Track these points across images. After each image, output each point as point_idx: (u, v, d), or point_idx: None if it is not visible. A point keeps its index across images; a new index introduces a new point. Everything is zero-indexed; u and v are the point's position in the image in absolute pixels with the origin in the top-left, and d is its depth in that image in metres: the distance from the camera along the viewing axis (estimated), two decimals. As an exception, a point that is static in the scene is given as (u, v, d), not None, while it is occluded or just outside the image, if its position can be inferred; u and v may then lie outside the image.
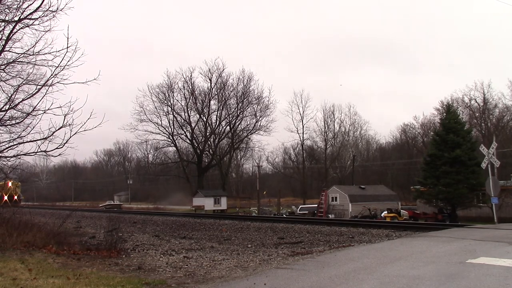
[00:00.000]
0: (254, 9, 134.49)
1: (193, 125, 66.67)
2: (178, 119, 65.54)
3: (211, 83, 65.36)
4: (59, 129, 11.91)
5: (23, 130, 12.67)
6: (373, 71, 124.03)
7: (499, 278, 6.05)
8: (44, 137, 12.04)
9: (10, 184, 51.26)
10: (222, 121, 67.36)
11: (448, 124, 35.56)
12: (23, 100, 12.60)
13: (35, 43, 11.97)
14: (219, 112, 67.03)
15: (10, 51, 12.42)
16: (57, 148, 12.14)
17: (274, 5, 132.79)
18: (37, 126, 12.47)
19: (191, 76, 64.90)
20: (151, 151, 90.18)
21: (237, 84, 65.51)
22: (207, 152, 69.18)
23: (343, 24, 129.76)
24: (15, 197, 52.00)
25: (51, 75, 11.97)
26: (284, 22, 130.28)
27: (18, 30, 12.01)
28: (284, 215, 41.14)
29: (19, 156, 13.10)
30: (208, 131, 67.53)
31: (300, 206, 54.83)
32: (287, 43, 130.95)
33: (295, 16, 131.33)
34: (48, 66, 12.11)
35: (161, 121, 64.49)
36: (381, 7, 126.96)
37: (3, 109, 12.47)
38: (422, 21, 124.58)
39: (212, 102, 66.56)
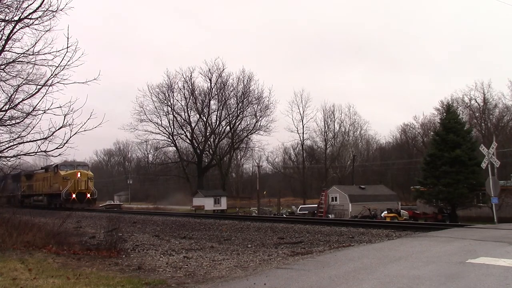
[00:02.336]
0: (254, 8, 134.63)
1: (193, 125, 66.76)
2: (178, 119, 65.64)
3: (211, 83, 65.45)
4: (59, 129, 11.94)
5: (23, 130, 12.74)
6: (372, 71, 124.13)
7: (499, 278, 6.05)
8: (44, 137, 12.08)
9: (79, 175, 36.14)
10: (222, 121, 67.44)
11: (448, 124, 35.59)
12: (23, 100, 12.64)
13: (35, 43, 12.01)
14: (219, 112, 67.11)
15: (10, 51, 12.47)
16: (57, 148, 12.19)
17: (274, 4, 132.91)
18: (37, 126, 12.54)
19: (191, 76, 64.99)
20: (151, 151, 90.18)
21: (237, 84, 65.61)
22: (207, 152, 69.19)
23: (343, 24, 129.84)
24: (88, 195, 36.33)
25: (51, 75, 12.00)
26: (285, 22, 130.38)
27: (18, 30, 12.05)
28: (284, 215, 41.17)
29: (19, 156, 13.16)
30: (208, 131, 67.56)
31: (300, 206, 54.87)
32: (287, 42, 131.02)
33: (295, 16, 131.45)
34: (48, 66, 12.15)
35: (161, 121, 64.60)
36: (381, 7, 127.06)
37: (3, 109, 12.49)
38: (422, 20, 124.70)
39: (212, 102, 66.66)
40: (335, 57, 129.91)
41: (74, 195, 35.02)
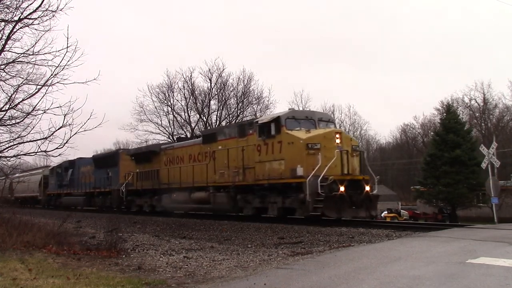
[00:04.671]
0: (254, 8, 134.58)
1: (193, 125, 66.68)
2: (178, 119, 65.54)
3: (211, 83, 65.33)
4: (59, 129, 11.95)
5: (23, 130, 12.76)
6: (372, 71, 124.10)
7: (499, 278, 6.05)
8: (44, 137, 12.10)
9: (338, 139, 15.88)
10: (222, 121, 67.29)
11: (448, 124, 35.69)
12: (23, 100, 12.65)
13: (35, 43, 12.01)
14: (219, 112, 66.99)
15: (10, 51, 12.46)
16: (57, 148, 12.20)
17: (273, 4, 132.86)
18: (37, 126, 12.56)
19: (191, 76, 64.83)
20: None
21: (237, 84, 65.59)
22: (207, 152, 69.14)
23: (343, 23, 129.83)
24: (367, 188, 16.21)
25: (51, 75, 12.00)
26: (285, 22, 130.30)
27: (18, 29, 12.04)
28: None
29: (19, 156, 13.20)
30: (208, 131, 67.63)
31: (300, 206, 54.74)
32: (287, 42, 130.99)
33: (295, 16, 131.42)
34: (48, 66, 12.15)
35: (161, 121, 64.46)
36: (382, 8, 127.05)
37: (3, 109, 12.50)
38: (422, 20, 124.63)
39: (212, 102, 66.54)
40: (335, 57, 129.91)
41: (342, 188, 15.29)
